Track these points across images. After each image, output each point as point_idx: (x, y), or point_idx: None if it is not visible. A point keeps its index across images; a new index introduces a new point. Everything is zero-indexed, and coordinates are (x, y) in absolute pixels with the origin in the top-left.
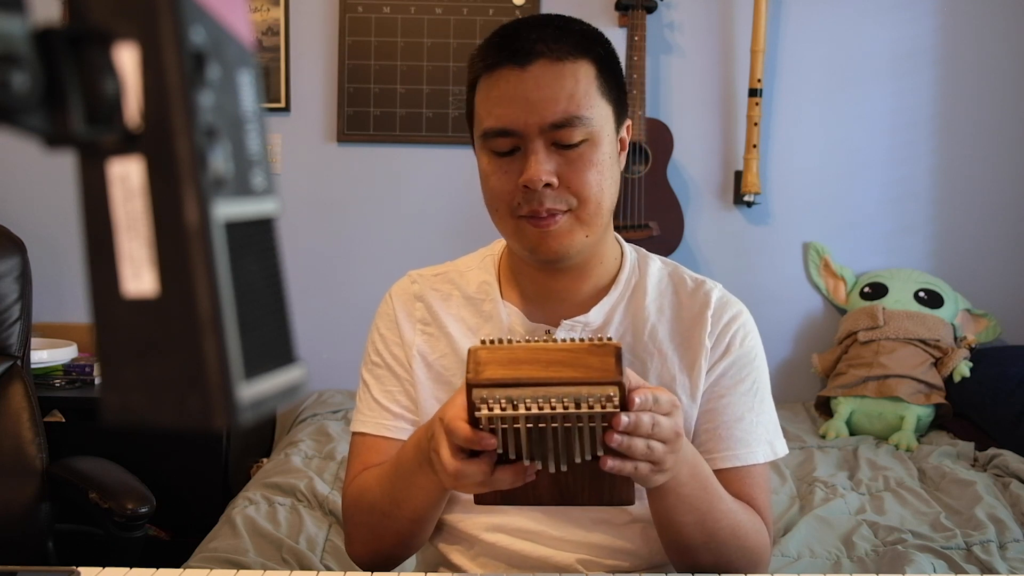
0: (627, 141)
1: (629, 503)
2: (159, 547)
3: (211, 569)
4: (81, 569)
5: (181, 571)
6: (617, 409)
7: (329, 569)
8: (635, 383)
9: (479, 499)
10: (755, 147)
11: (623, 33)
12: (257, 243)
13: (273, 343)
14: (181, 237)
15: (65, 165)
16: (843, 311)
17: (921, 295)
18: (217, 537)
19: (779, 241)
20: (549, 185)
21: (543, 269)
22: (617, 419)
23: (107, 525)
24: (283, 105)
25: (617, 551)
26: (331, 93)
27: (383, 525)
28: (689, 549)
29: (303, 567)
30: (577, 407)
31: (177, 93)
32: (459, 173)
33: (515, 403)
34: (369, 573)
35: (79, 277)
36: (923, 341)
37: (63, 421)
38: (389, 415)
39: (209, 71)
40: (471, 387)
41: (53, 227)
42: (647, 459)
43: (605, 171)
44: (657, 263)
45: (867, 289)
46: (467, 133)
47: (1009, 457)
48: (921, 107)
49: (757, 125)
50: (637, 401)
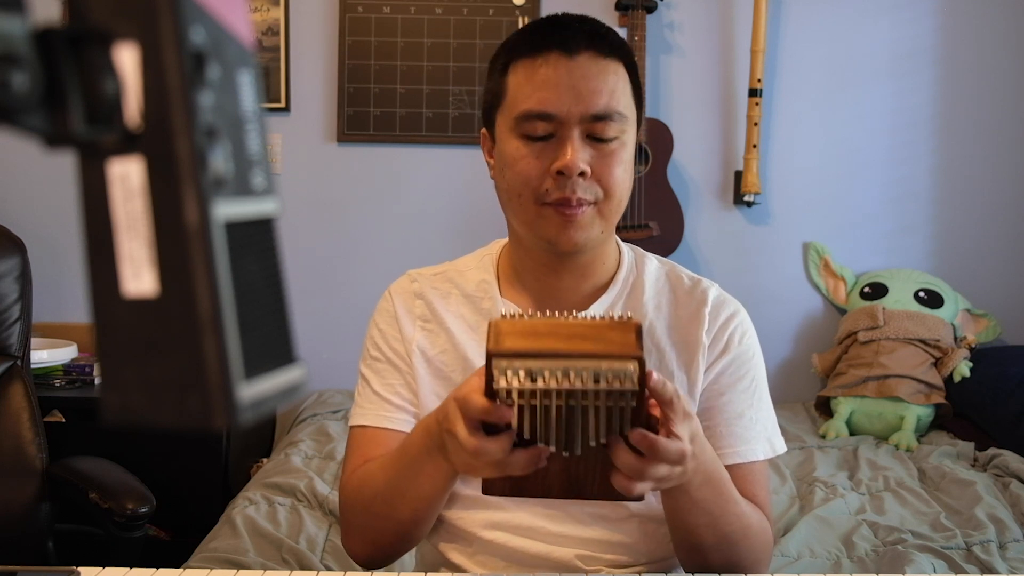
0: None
1: (639, 499)
2: (159, 547)
3: (211, 569)
4: (81, 569)
5: (181, 571)
6: (636, 387)
7: (329, 569)
8: (660, 380)
9: (487, 488)
10: (755, 147)
11: (623, 33)
12: (257, 243)
13: (273, 343)
14: (181, 237)
15: (65, 165)
16: (843, 311)
17: (921, 295)
18: (217, 537)
19: (779, 241)
20: (583, 174)
21: (548, 265)
22: (633, 435)
23: (107, 525)
24: (283, 105)
25: (616, 546)
26: (331, 93)
27: (384, 516)
28: (700, 549)
29: (303, 567)
30: (596, 382)
31: (177, 93)
32: (459, 173)
33: (534, 375)
34: (369, 573)
35: (79, 277)
36: (923, 341)
37: (63, 421)
38: (390, 407)
39: (209, 71)
40: (491, 356)
41: (53, 227)
42: (650, 478)
43: (629, 171)
44: (654, 262)
45: (867, 289)
46: (467, 133)
47: (1009, 457)
48: (921, 107)
49: (757, 125)
50: (655, 377)
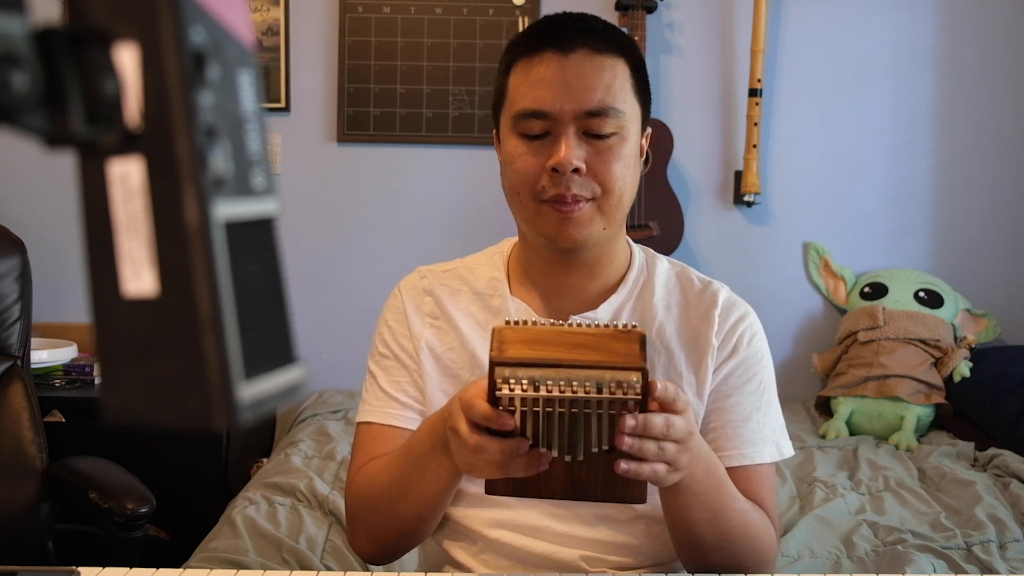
0: (645, 149)
1: (641, 501)
2: (159, 547)
3: (211, 569)
4: (81, 569)
5: (181, 571)
6: (639, 396)
7: (329, 569)
8: (664, 387)
9: (490, 488)
10: (755, 147)
11: None
12: (257, 243)
13: (273, 343)
14: (181, 237)
15: (65, 165)
16: (843, 311)
17: (921, 295)
18: (217, 537)
19: (779, 241)
20: (577, 171)
21: (556, 263)
22: (622, 420)
23: (107, 525)
24: (283, 105)
25: (621, 547)
26: (331, 93)
27: (390, 513)
28: (700, 547)
29: (303, 567)
30: (599, 392)
31: (177, 93)
32: (459, 173)
33: (536, 384)
34: (370, 572)
35: (79, 277)
36: (923, 341)
37: (63, 421)
38: (397, 404)
39: (209, 71)
40: (494, 365)
41: (53, 227)
42: (660, 459)
43: (629, 167)
44: (665, 263)
45: (867, 289)
46: (467, 133)
47: (1009, 457)
48: (921, 107)
49: (757, 125)
50: (659, 387)
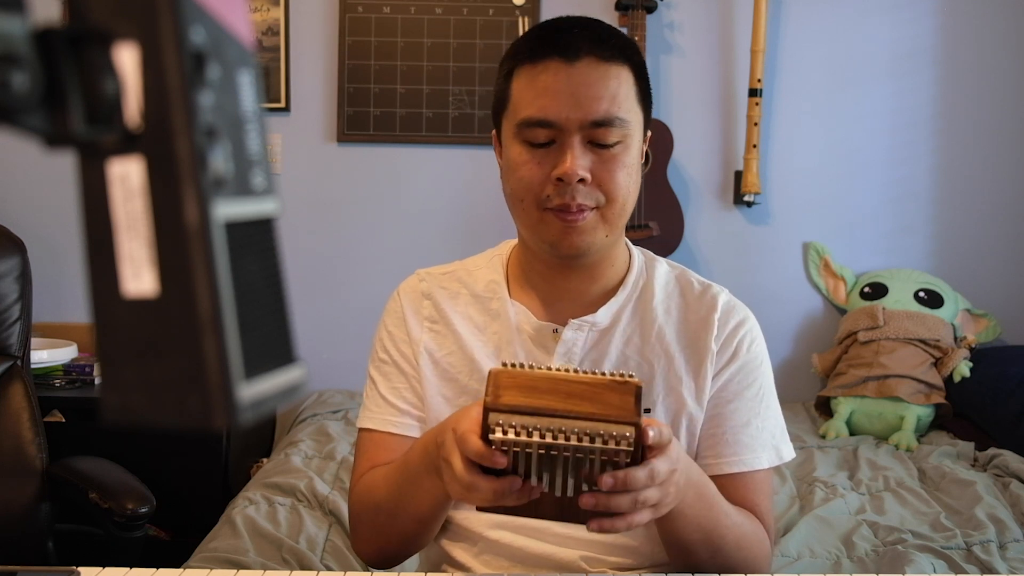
0: (644, 151)
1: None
2: (159, 547)
3: (211, 569)
4: (81, 569)
5: (181, 571)
6: (632, 448)
7: (329, 569)
8: (656, 433)
9: (481, 507)
10: (755, 147)
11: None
12: (257, 243)
13: (273, 343)
14: (181, 237)
15: (65, 165)
16: (843, 311)
17: (921, 295)
18: (217, 537)
19: (779, 241)
20: (583, 181)
21: (556, 267)
22: (601, 480)
23: (107, 525)
24: (283, 105)
25: (620, 548)
26: (331, 93)
27: (388, 525)
28: (695, 563)
29: (303, 567)
30: (592, 442)
31: (177, 93)
32: (459, 173)
33: (530, 431)
34: (370, 573)
35: (79, 277)
36: (923, 341)
37: (63, 421)
38: (396, 411)
39: (209, 71)
40: (488, 410)
41: (53, 227)
42: (641, 508)
43: (633, 174)
44: (664, 266)
45: (867, 289)
46: (467, 133)
47: (1009, 457)
48: (921, 107)
49: (757, 125)
50: (651, 435)
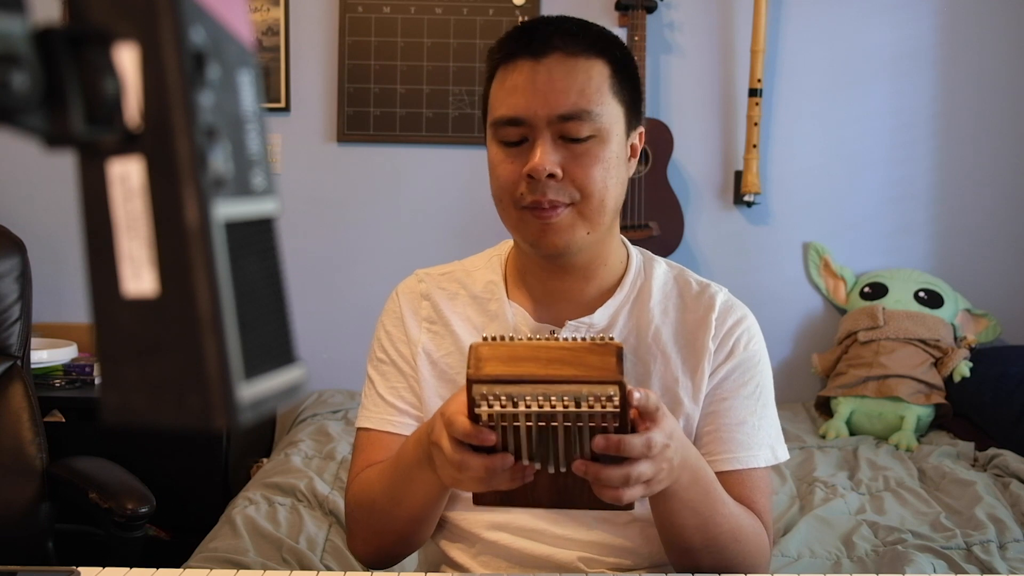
0: (639, 148)
1: (628, 508)
2: (159, 547)
3: (211, 569)
4: (81, 569)
5: (181, 571)
6: (617, 409)
7: (329, 569)
8: (643, 395)
9: (477, 499)
10: (755, 147)
11: (623, 33)
12: (257, 243)
13: (273, 343)
14: (181, 237)
15: (65, 165)
16: (843, 311)
17: (921, 295)
18: (217, 537)
19: (779, 241)
20: (553, 176)
21: (547, 268)
22: (595, 441)
23: (107, 525)
24: (283, 105)
25: (618, 549)
26: (331, 93)
27: (384, 523)
28: (689, 551)
29: (303, 567)
30: (577, 406)
31: (177, 93)
32: (459, 173)
33: (515, 400)
34: (370, 573)
35: (79, 277)
36: (923, 341)
37: (63, 421)
38: (394, 411)
39: (209, 71)
40: (471, 383)
41: (53, 227)
42: (635, 483)
43: (611, 169)
44: (663, 266)
45: (867, 289)
46: (467, 133)
47: (1009, 457)
48: (921, 107)
49: (757, 125)
50: (637, 396)
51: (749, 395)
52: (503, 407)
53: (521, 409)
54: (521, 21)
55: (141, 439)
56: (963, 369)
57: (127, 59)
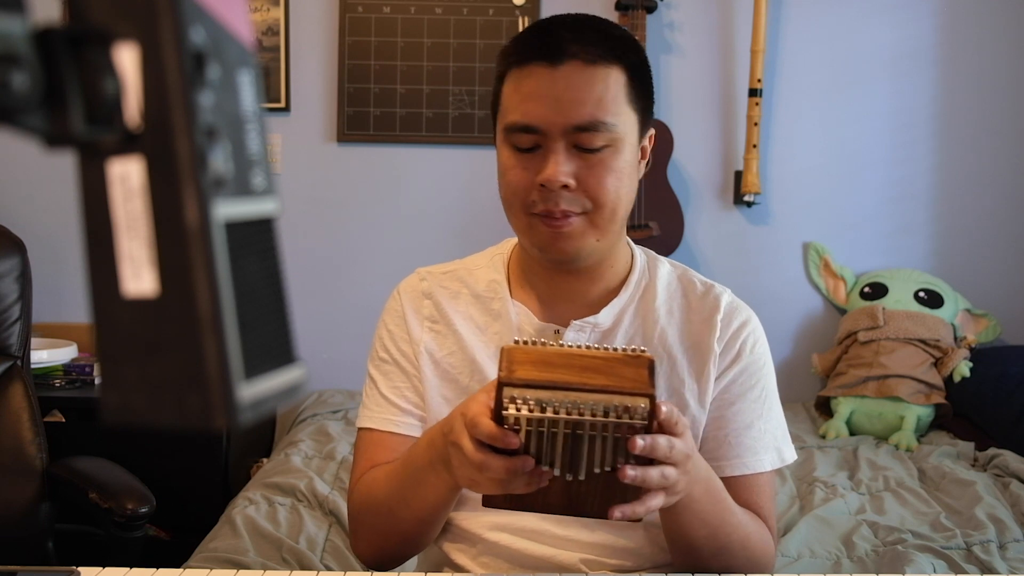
0: (648, 150)
1: (637, 521)
2: (159, 547)
3: (211, 569)
4: (81, 569)
5: (181, 571)
6: (646, 421)
7: (329, 569)
8: (670, 412)
9: (487, 501)
10: (755, 147)
11: None
12: (257, 243)
13: (273, 343)
14: (181, 237)
15: (65, 165)
16: (843, 311)
17: (921, 295)
18: (217, 537)
19: (779, 241)
20: (566, 187)
21: (553, 269)
22: (633, 442)
23: (107, 525)
24: (283, 105)
25: (620, 551)
26: (331, 93)
27: (390, 524)
28: (698, 560)
29: (303, 567)
30: (606, 416)
31: (177, 93)
32: (459, 173)
33: (544, 406)
34: (370, 573)
35: (79, 277)
36: (923, 341)
37: (63, 421)
38: (397, 410)
39: (209, 71)
40: (503, 385)
41: (53, 227)
42: (661, 486)
43: (624, 178)
44: (667, 266)
45: (867, 289)
46: (467, 133)
47: (1009, 457)
48: (921, 107)
49: (757, 125)
50: (664, 410)
51: (755, 399)
52: (531, 411)
53: (549, 415)
54: (526, 21)
55: (141, 439)
56: (963, 369)
57: (127, 59)
